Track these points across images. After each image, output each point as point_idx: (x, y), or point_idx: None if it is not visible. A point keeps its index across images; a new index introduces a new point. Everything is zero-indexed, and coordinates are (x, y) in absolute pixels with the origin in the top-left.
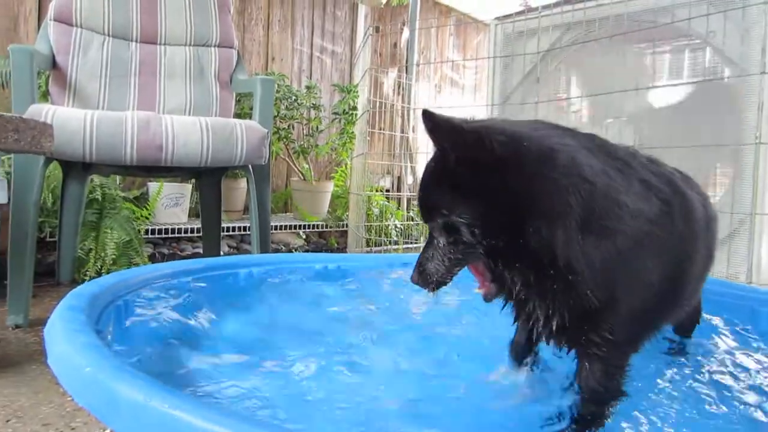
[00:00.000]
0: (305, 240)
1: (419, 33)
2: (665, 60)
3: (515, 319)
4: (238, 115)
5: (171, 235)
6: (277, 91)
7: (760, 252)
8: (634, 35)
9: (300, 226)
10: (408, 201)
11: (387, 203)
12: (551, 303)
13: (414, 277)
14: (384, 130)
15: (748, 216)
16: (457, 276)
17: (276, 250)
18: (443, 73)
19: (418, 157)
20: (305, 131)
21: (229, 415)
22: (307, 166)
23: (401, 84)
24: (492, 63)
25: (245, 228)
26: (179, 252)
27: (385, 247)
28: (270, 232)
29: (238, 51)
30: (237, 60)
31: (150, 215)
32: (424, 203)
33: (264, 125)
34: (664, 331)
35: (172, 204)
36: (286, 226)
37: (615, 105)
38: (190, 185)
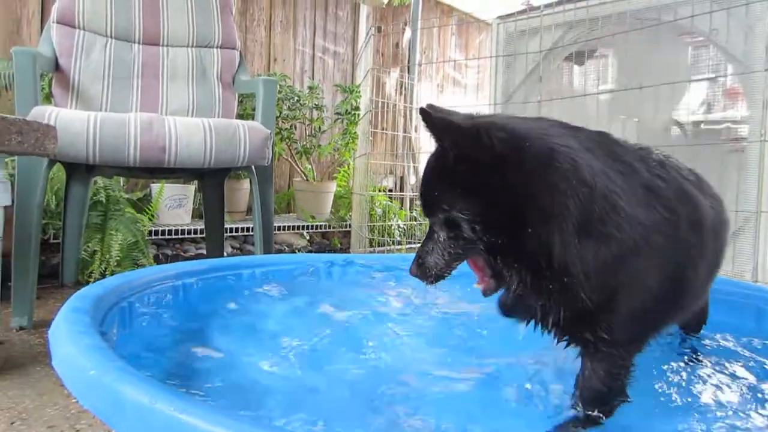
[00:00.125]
0: (308, 240)
1: (421, 33)
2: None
3: (513, 312)
4: (240, 116)
5: (174, 237)
6: (280, 92)
7: (765, 250)
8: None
9: (303, 226)
10: (411, 201)
11: (390, 203)
12: (547, 301)
13: (413, 270)
14: (386, 130)
15: (753, 214)
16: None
17: (279, 250)
18: (445, 73)
19: (420, 157)
20: (308, 132)
21: (236, 418)
22: (310, 166)
23: (403, 84)
24: (494, 62)
25: (248, 229)
26: (182, 253)
27: (388, 248)
28: (273, 232)
29: (240, 52)
30: (239, 61)
31: (153, 217)
32: (425, 198)
33: (267, 126)
34: (668, 331)
35: (175, 205)
36: (289, 226)
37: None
38: (193, 186)
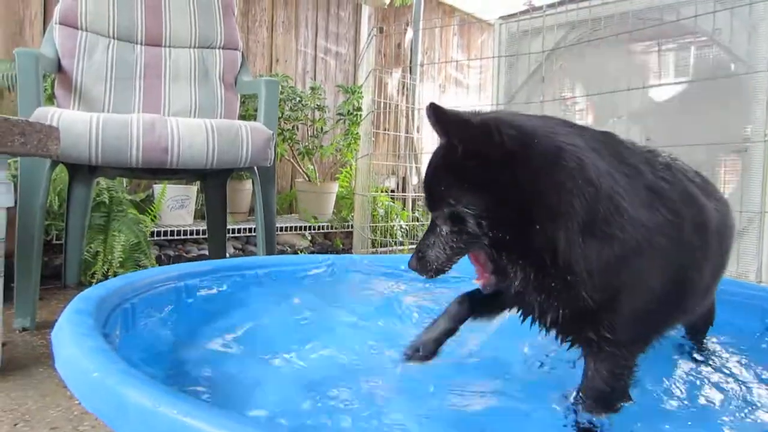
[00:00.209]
0: (311, 241)
1: (423, 33)
2: (670, 57)
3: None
4: (242, 117)
5: (176, 238)
6: (282, 93)
7: None
8: (638, 33)
9: (305, 227)
10: (413, 201)
11: (392, 204)
12: (548, 299)
13: (412, 263)
14: (388, 130)
15: (757, 214)
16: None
17: (281, 251)
18: (447, 73)
19: (422, 158)
20: (310, 132)
21: (240, 421)
22: (312, 167)
23: (405, 84)
24: (497, 62)
25: (251, 229)
26: (185, 254)
27: (391, 248)
28: (275, 233)
29: (242, 53)
30: (241, 62)
31: (155, 218)
32: (430, 192)
33: (269, 127)
34: (673, 331)
35: (177, 206)
36: (291, 227)
37: (620, 103)
38: (195, 187)
